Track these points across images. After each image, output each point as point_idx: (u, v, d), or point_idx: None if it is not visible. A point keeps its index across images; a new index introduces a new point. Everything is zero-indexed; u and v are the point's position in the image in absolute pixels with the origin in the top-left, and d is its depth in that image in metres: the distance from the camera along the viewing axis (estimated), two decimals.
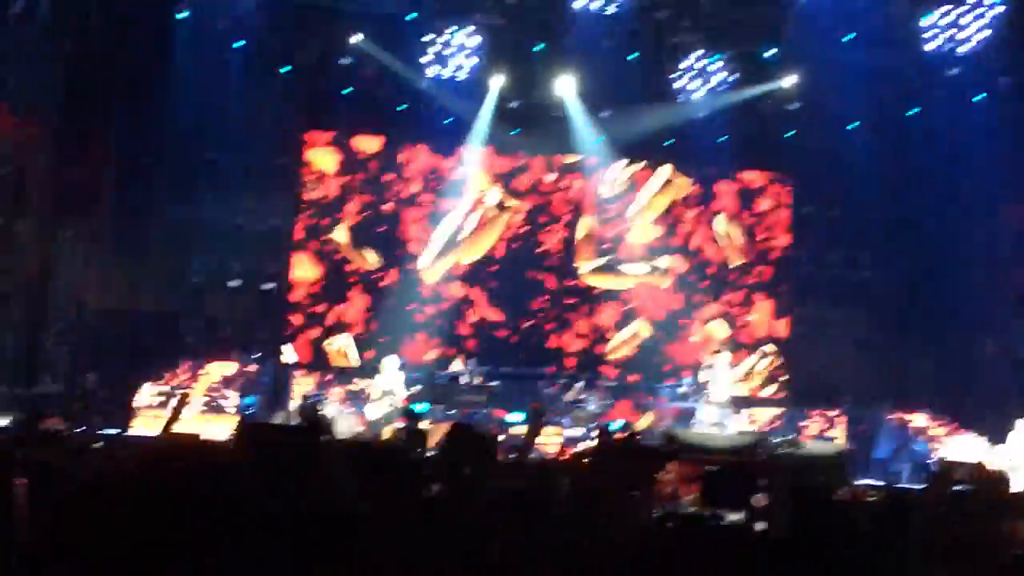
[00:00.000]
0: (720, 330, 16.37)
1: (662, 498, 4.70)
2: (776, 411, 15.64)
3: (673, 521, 3.65)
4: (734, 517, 4.77)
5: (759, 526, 4.66)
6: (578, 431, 13.68)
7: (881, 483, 12.54)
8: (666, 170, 16.92)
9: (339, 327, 16.07)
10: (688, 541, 3.46)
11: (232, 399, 13.80)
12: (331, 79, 15.78)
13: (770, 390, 16.55)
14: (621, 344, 16.61)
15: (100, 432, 11.12)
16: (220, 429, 12.89)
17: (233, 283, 16.20)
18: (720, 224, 17.05)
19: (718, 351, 13.21)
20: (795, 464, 10.79)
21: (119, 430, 12.15)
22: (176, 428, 6.09)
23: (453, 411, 13.89)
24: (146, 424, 12.55)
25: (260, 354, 15.35)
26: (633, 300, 16.76)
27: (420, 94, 15.90)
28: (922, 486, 11.34)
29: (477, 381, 14.67)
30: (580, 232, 16.68)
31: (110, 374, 13.99)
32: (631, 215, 16.85)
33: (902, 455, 13.95)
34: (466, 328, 16.48)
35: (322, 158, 16.42)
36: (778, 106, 16.26)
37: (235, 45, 14.81)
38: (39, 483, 3.76)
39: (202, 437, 6.33)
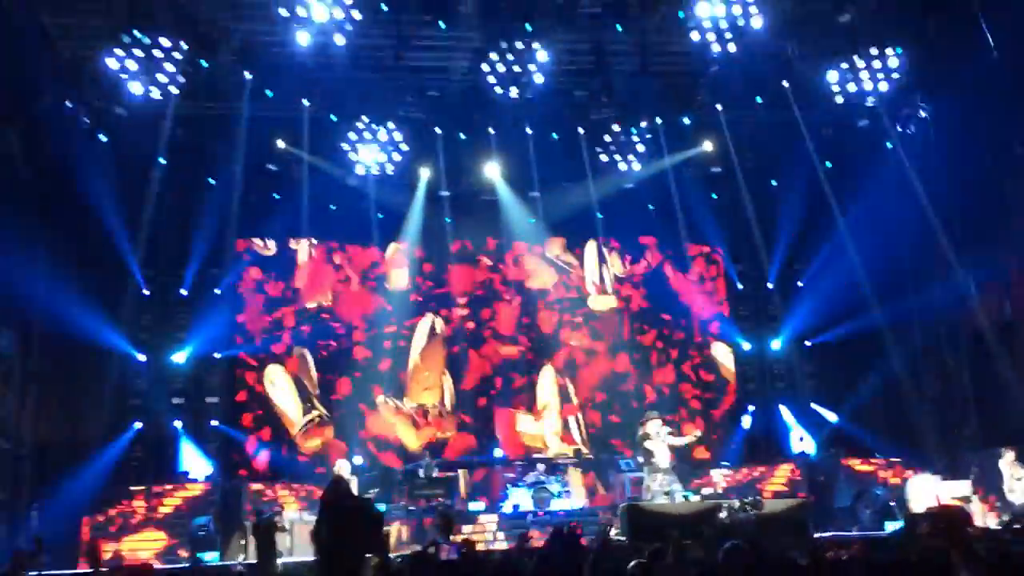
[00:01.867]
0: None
1: None
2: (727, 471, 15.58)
3: None
4: None
5: None
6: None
7: (844, 533, 12.53)
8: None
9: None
10: None
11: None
12: (259, 187, 15.76)
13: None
14: None
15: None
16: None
17: (176, 400, 15.84)
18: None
19: (647, 419, 12.77)
20: (756, 525, 10.70)
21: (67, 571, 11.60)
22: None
23: (414, 507, 13.65)
24: None
25: (210, 473, 14.96)
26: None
27: (350, 192, 16.00)
28: (887, 534, 11.37)
29: (435, 474, 14.44)
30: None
31: (54, 510, 13.43)
32: None
33: (863, 501, 13.89)
34: None
35: None
36: (701, 170, 16.66)
37: (159, 161, 14.75)
38: None
39: None
